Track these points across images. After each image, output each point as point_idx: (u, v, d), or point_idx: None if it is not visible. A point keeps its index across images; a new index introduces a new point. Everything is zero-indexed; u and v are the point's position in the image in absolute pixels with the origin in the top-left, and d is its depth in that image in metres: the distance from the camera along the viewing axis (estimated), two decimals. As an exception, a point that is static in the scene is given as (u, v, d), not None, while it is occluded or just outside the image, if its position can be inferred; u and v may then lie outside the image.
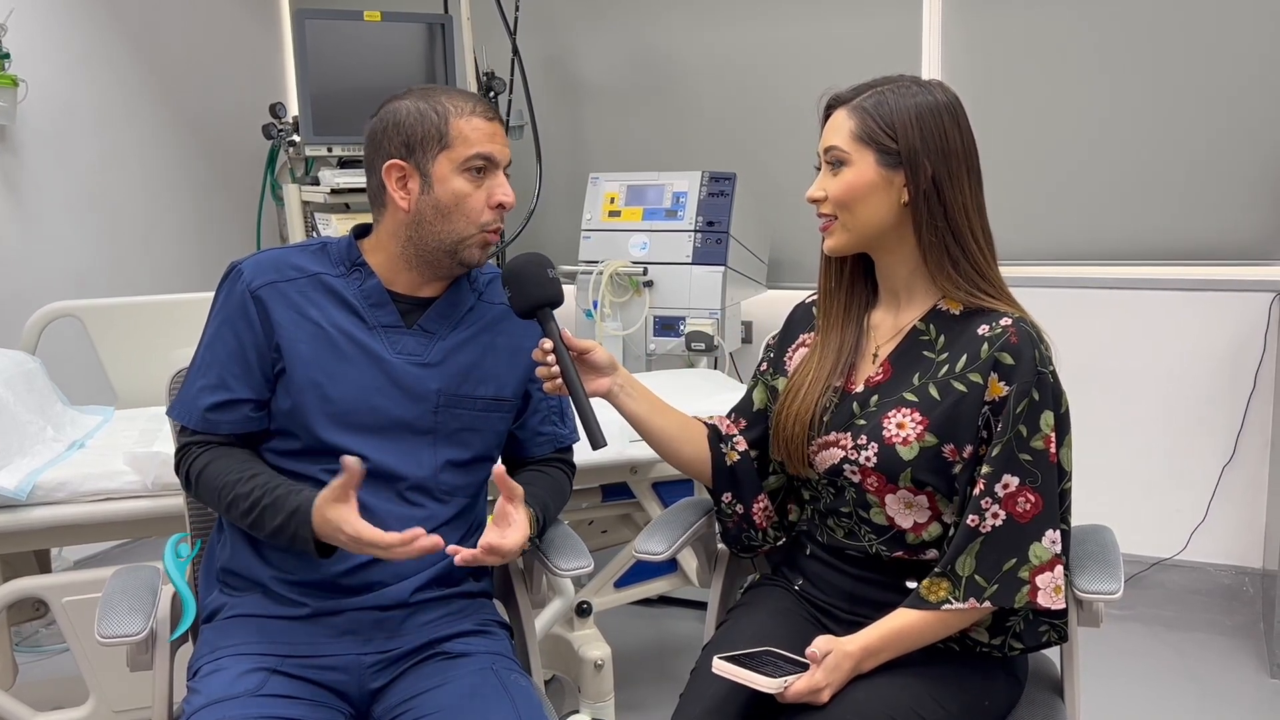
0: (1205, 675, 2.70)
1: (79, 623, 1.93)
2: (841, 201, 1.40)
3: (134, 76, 3.67)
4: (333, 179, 3.37)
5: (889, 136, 1.38)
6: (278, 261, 1.50)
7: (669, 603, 3.10)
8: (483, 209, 1.47)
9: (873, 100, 1.40)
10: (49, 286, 3.22)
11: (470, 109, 1.46)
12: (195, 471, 1.47)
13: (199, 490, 1.47)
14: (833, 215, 1.43)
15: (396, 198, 1.46)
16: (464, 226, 1.46)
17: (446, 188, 1.45)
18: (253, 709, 1.32)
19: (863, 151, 1.39)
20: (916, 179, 1.38)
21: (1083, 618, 1.46)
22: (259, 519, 1.40)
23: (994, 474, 1.34)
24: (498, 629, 1.56)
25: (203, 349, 1.50)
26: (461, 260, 1.49)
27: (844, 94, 1.44)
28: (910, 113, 1.38)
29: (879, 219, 1.40)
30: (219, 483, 1.44)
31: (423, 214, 1.46)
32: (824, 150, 1.43)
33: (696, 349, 3.15)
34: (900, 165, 1.38)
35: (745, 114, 3.72)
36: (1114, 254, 3.27)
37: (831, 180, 1.42)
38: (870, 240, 1.43)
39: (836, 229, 1.43)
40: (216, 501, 1.45)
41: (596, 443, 1.40)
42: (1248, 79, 3.05)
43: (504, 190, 1.48)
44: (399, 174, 1.46)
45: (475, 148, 1.45)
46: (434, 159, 1.45)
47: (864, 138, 1.39)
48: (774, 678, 1.28)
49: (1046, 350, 1.38)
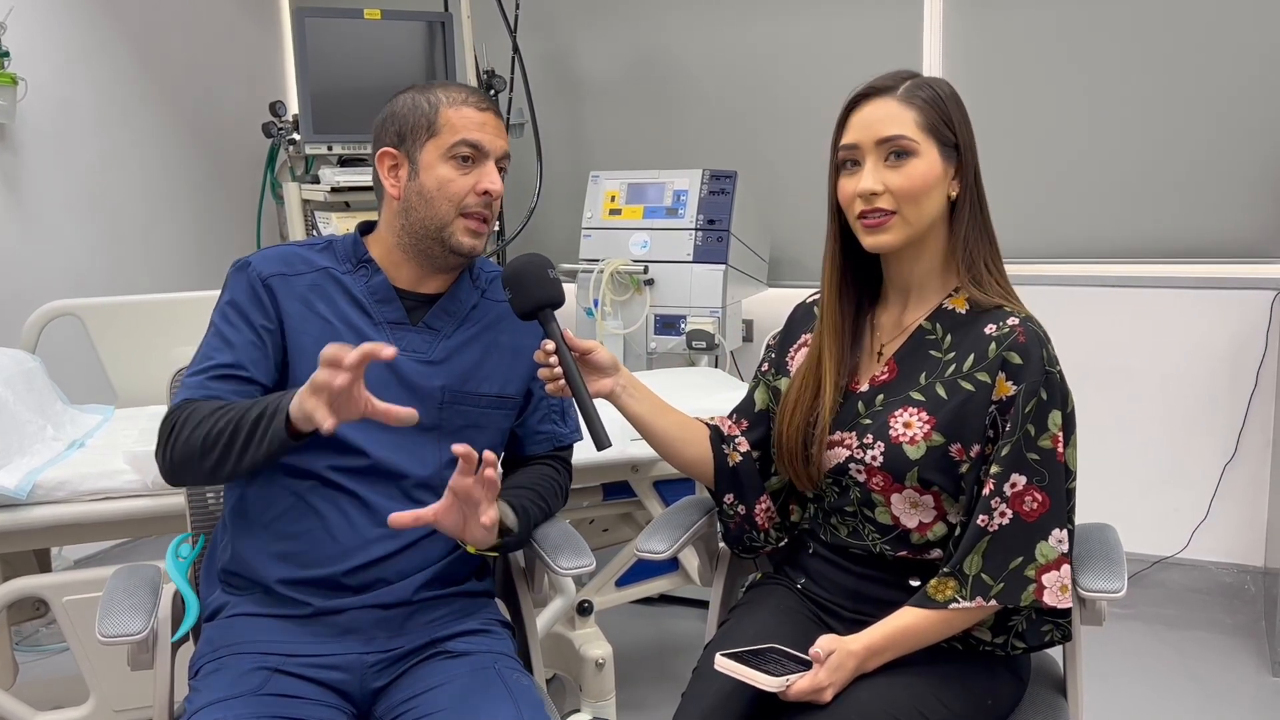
0: (1206, 674, 2.70)
1: (79, 622, 1.93)
2: (909, 194, 1.35)
3: (134, 75, 3.67)
4: (333, 177, 3.37)
5: (949, 128, 1.37)
6: (286, 255, 1.50)
7: (670, 601, 3.10)
8: (465, 193, 1.47)
9: (924, 91, 1.37)
10: (49, 285, 3.22)
11: (463, 99, 1.48)
12: (183, 417, 1.36)
13: (180, 432, 1.35)
14: (890, 210, 1.36)
15: (388, 185, 1.50)
16: (446, 210, 1.47)
17: (432, 174, 1.46)
18: (254, 708, 1.32)
19: (929, 142, 1.36)
20: (965, 173, 1.38)
21: (1085, 616, 1.46)
22: (240, 418, 1.30)
23: (1003, 474, 1.33)
24: (499, 628, 1.56)
25: (208, 339, 1.46)
26: (451, 248, 1.49)
27: (882, 83, 1.39)
28: (955, 103, 1.37)
29: (934, 213, 1.38)
30: (207, 411, 1.34)
31: (410, 201, 1.48)
32: (879, 141, 1.36)
33: (697, 347, 3.15)
34: (957, 158, 1.37)
35: (746, 112, 3.71)
36: (1114, 252, 3.27)
37: (891, 173, 1.36)
38: (920, 235, 1.39)
39: (896, 224, 1.37)
40: (198, 430, 1.33)
41: (601, 443, 1.40)
42: (1249, 76, 3.05)
43: (491, 179, 1.48)
44: (391, 162, 1.50)
45: (461, 134, 1.46)
46: (422, 146, 1.47)
47: (928, 128, 1.36)
48: (776, 676, 1.27)
49: (1053, 350, 1.38)
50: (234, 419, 1.32)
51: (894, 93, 1.37)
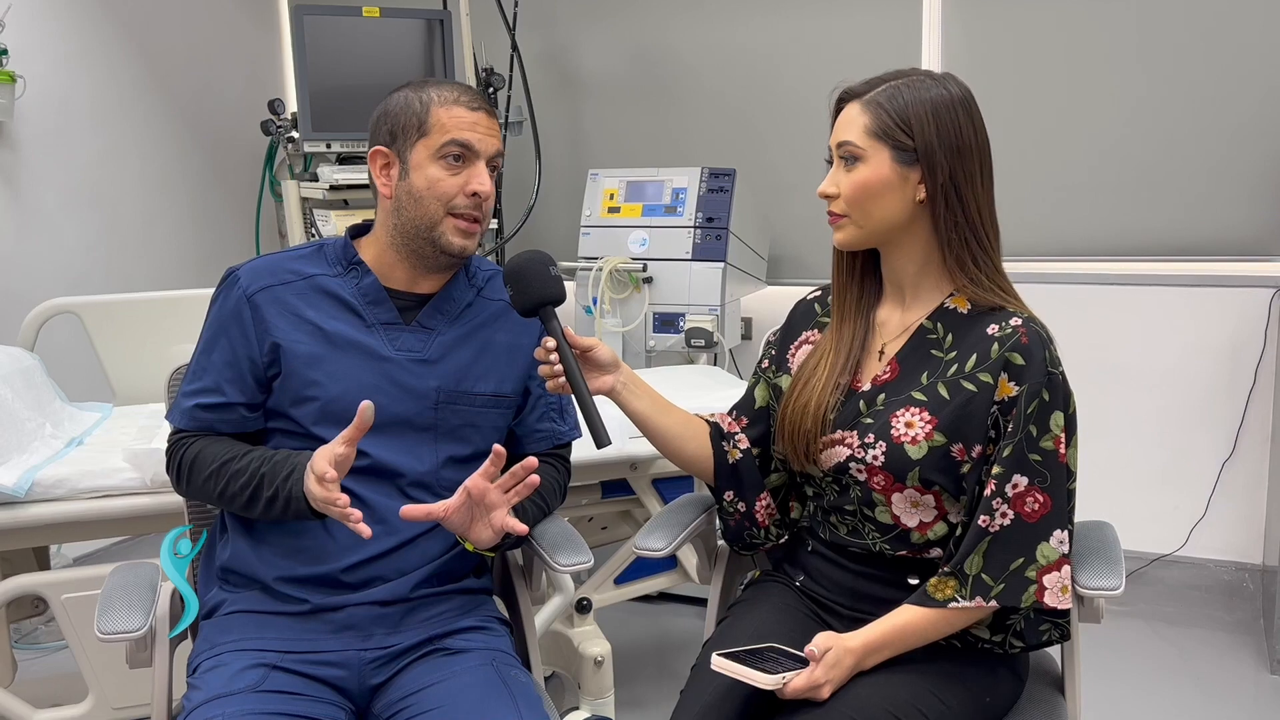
0: (1205, 671, 2.70)
1: (78, 620, 1.92)
2: (855, 199, 1.38)
3: (132, 72, 3.66)
4: (331, 175, 3.36)
5: (905, 133, 1.35)
6: (274, 266, 1.51)
7: (669, 599, 3.10)
8: (454, 194, 1.46)
9: (887, 94, 1.37)
10: (47, 283, 3.22)
11: (454, 98, 1.47)
12: (188, 460, 1.46)
13: (191, 476, 1.46)
14: (841, 213, 1.41)
15: (380, 184, 1.50)
16: (435, 210, 1.46)
17: (421, 174, 1.46)
18: (253, 705, 1.32)
19: (878, 148, 1.36)
20: (933, 177, 1.36)
21: (1084, 614, 1.46)
22: (256, 489, 1.40)
23: (1004, 474, 1.33)
24: (498, 625, 1.56)
25: (197, 355, 1.51)
26: (442, 248, 1.48)
27: (856, 88, 1.41)
28: (926, 108, 1.35)
29: (892, 216, 1.39)
30: (213, 463, 1.43)
31: (400, 200, 1.48)
32: (836, 145, 1.40)
33: (696, 345, 3.15)
34: (916, 162, 1.36)
35: (745, 110, 3.71)
36: (1114, 250, 3.27)
37: (844, 176, 1.39)
38: (881, 236, 1.41)
39: (847, 225, 1.41)
40: (210, 482, 1.44)
41: (601, 441, 1.39)
42: (1248, 74, 3.05)
43: (480, 179, 1.47)
44: (383, 161, 1.49)
45: (451, 134, 1.45)
46: (412, 146, 1.46)
47: (879, 133, 1.36)
48: (773, 674, 1.28)
49: (1055, 350, 1.37)
50: (248, 486, 1.41)
51: (861, 97, 1.39)
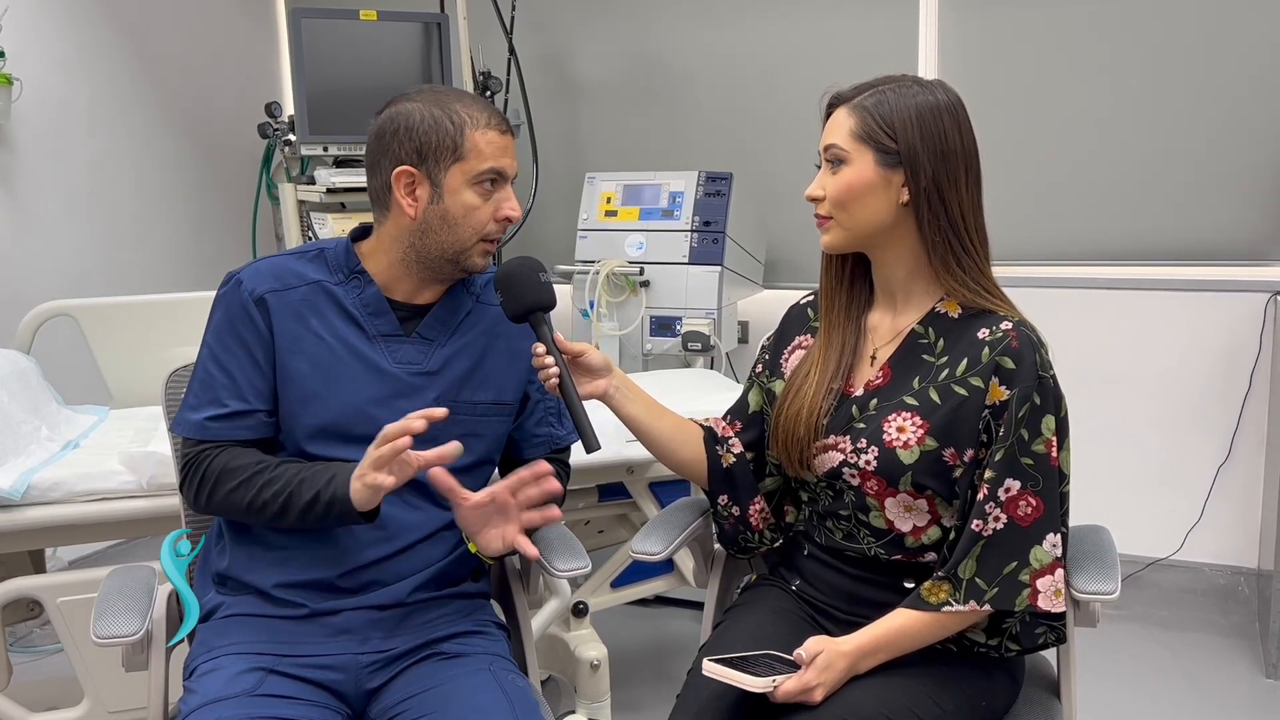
0: (1201, 675, 2.71)
1: (74, 623, 1.92)
2: (839, 200, 1.40)
3: (129, 75, 3.66)
4: (329, 178, 3.36)
5: (888, 136, 1.37)
6: (277, 269, 1.48)
7: (666, 603, 3.10)
8: (488, 221, 1.46)
9: (873, 99, 1.39)
10: (44, 285, 3.22)
11: (486, 121, 1.44)
12: (213, 471, 1.42)
13: (215, 488, 1.41)
14: (826, 215, 1.43)
15: (404, 204, 1.44)
16: (468, 236, 1.45)
17: (457, 199, 1.43)
18: (249, 709, 1.32)
19: (862, 151, 1.38)
20: (916, 179, 1.37)
21: (1079, 618, 1.46)
22: (292, 496, 1.37)
23: (997, 479, 1.34)
24: (495, 629, 1.56)
25: (203, 364, 1.47)
26: (464, 267, 1.49)
27: (845, 92, 1.43)
28: (910, 112, 1.37)
29: (876, 219, 1.40)
30: (244, 474, 1.40)
31: (429, 223, 1.44)
32: (823, 149, 1.43)
33: (693, 349, 3.15)
34: (899, 165, 1.37)
35: (742, 114, 3.71)
36: (1109, 254, 3.27)
37: (830, 179, 1.41)
38: (867, 239, 1.43)
39: (833, 227, 1.43)
40: (239, 492, 1.39)
41: (590, 446, 1.41)
42: (1244, 79, 3.06)
43: (511, 205, 1.47)
44: (408, 180, 1.44)
45: (489, 162, 1.43)
46: (446, 169, 1.42)
47: (863, 137, 1.38)
48: (764, 678, 1.28)
49: (1046, 354, 1.38)
50: (282, 493, 1.38)
51: (849, 102, 1.41)
